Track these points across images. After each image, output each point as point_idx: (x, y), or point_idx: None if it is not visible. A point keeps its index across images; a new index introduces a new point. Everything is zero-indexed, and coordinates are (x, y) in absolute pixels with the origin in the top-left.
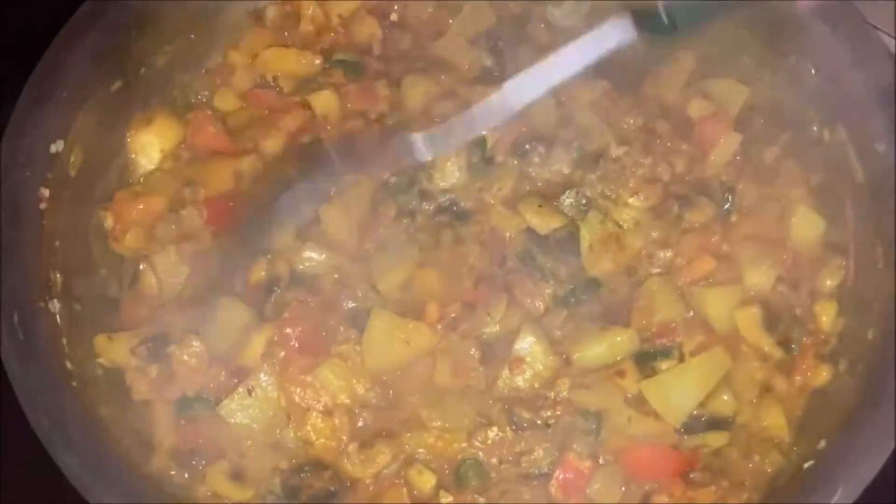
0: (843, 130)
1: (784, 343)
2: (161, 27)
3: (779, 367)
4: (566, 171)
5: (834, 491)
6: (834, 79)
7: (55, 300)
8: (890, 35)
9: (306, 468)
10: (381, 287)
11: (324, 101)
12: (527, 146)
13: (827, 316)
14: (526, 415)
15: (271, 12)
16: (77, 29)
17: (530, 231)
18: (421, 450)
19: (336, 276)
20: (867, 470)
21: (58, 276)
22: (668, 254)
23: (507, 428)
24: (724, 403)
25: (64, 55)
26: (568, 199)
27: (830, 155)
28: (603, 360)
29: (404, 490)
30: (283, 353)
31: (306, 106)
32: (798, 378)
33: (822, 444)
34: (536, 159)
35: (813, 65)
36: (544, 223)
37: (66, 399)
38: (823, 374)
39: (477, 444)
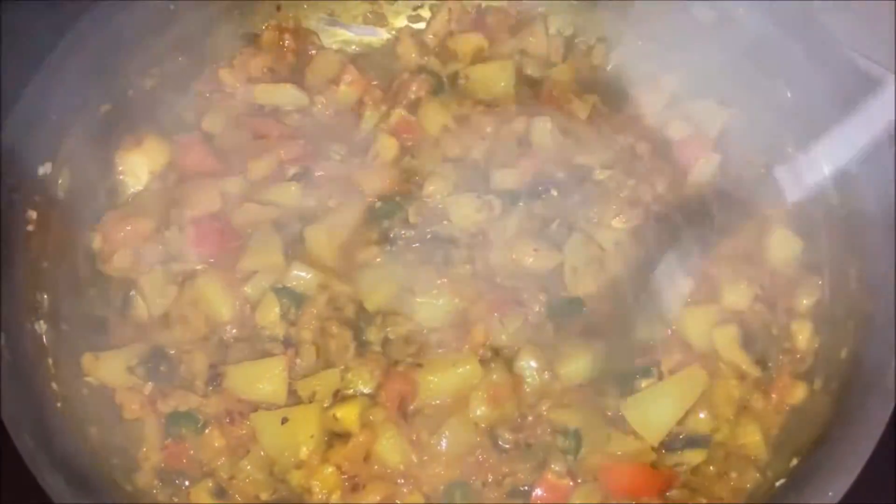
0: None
1: (761, 362)
2: (149, 49)
3: (756, 385)
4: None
5: None
6: (808, 100)
7: (42, 321)
8: (889, 70)
9: None
10: (368, 306)
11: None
12: (541, 188)
13: (803, 335)
14: (509, 436)
15: (267, 36)
16: (66, 52)
17: None
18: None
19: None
20: (838, 487)
21: (45, 297)
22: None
23: (492, 450)
24: (702, 422)
25: (52, 78)
26: (553, 227)
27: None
28: (587, 373)
29: None
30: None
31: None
32: (774, 396)
33: (795, 461)
34: (544, 199)
35: (788, 88)
36: (542, 264)
37: (50, 419)
38: (799, 393)
39: (468, 466)
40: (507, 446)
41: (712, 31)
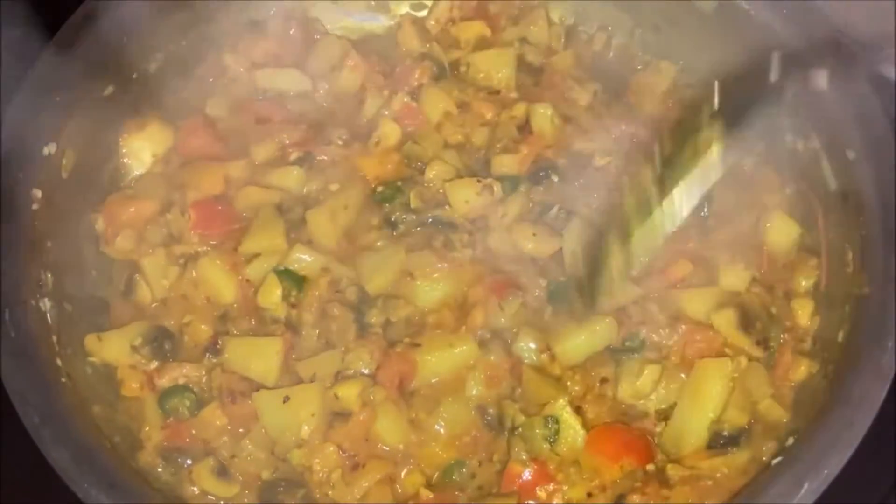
0: (817, 140)
1: (762, 342)
2: (154, 33)
3: (765, 365)
4: (564, 189)
5: (799, 486)
6: (808, 90)
7: (46, 299)
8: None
9: (282, 483)
10: (369, 289)
11: None
12: (541, 174)
13: (804, 311)
14: (500, 416)
15: (274, 24)
16: (70, 34)
17: None
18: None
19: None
20: (833, 466)
21: (49, 275)
22: (646, 259)
23: (484, 429)
24: (736, 417)
25: (57, 60)
26: (552, 212)
27: (805, 163)
28: (584, 351)
29: (388, 489)
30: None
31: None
32: (779, 374)
33: (791, 440)
34: (545, 185)
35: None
36: (541, 249)
37: (56, 395)
38: (802, 369)
39: (464, 445)
40: (499, 426)
41: (713, 19)
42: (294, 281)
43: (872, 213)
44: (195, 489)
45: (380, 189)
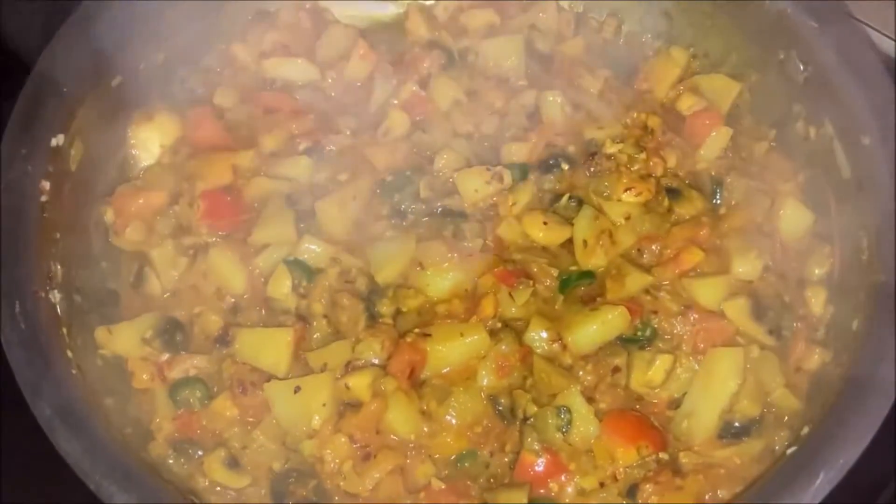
0: (831, 126)
1: (775, 331)
2: (161, 23)
3: (774, 352)
4: (572, 177)
5: (815, 476)
6: (822, 74)
7: (56, 291)
8: (889, 37)
9: (294, 474)
10: (379, 279)
11: None
12: (551, 162)
13: (817, 299)
14: (512, 406)
15: (282, 13)
16: (78, 24)
17: None
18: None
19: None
20: (849, 455)
21: (58, 267)
22: (658, 247)
23: (496, 419)
24: (748, 407)
25: (65, 50)
26: (563, 201)
27: (818, 150)
28: (596, 340)
29: (399, 479)
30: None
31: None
32: (792, 363)
33: (806, 430)
34: (555, 173)
35: (801, 61)
36: (551, 238)
37: (66, 387)
38: (816, 358)
39: (476, 435)
40: (510, 415)
41: (725, 5)
42: (304, 271)
43: (888, 199)
44: (206, 481)
45: (389, 179)
